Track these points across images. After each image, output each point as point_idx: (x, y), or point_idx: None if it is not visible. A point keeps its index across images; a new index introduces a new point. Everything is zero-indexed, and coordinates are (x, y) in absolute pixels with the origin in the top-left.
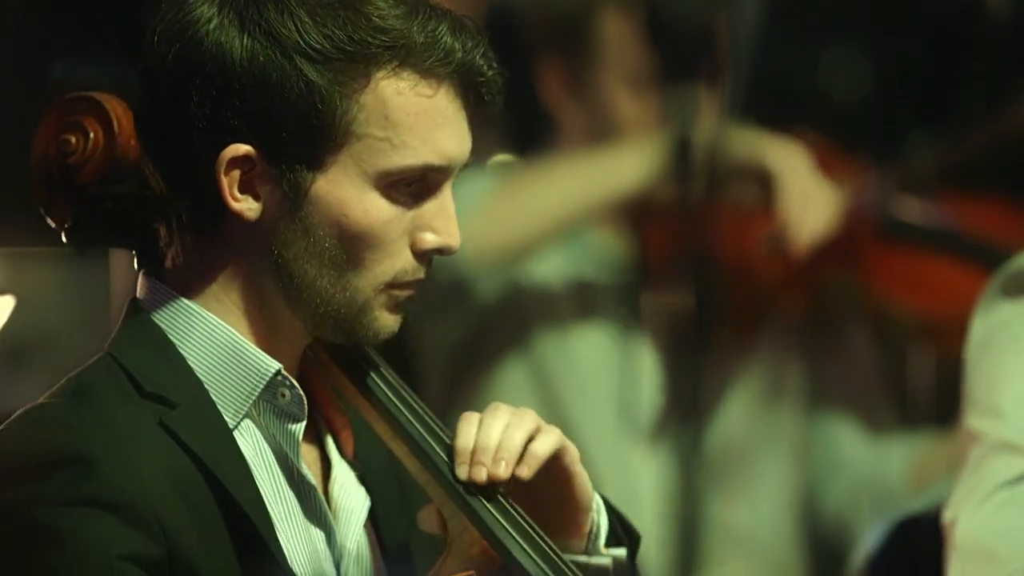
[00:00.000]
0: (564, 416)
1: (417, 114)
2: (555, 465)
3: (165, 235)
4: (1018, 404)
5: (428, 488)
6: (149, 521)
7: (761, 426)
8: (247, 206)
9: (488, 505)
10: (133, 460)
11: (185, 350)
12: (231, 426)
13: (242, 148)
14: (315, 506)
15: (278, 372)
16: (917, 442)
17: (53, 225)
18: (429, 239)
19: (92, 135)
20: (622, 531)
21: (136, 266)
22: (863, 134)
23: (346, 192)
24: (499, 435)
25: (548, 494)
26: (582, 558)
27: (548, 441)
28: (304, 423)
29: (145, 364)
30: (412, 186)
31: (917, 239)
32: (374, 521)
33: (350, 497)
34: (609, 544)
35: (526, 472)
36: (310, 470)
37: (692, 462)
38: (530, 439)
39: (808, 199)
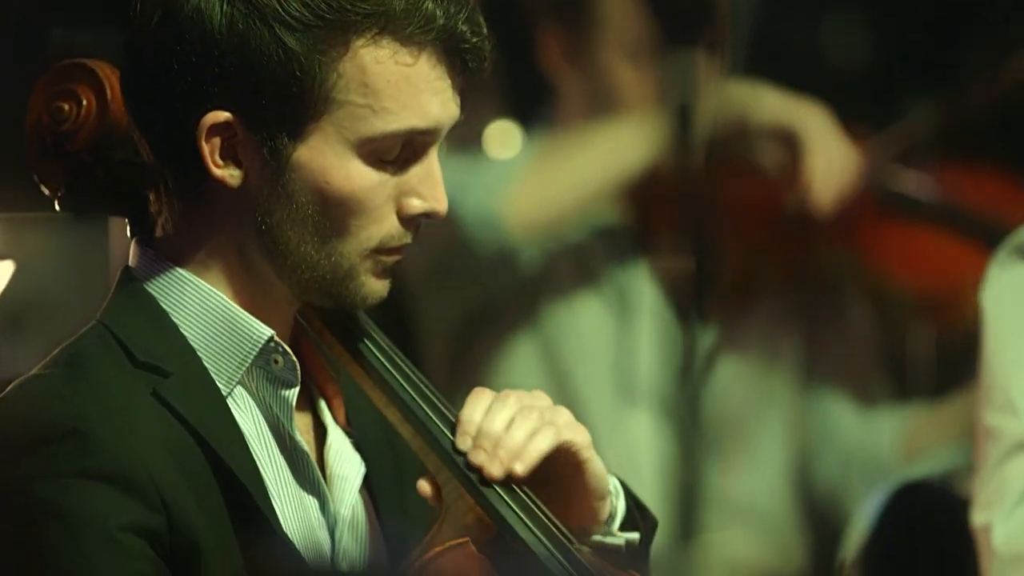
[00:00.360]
0: (565, 384)
1: (398, 81)
2: (563, 457)
3: (155, 202)
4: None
5: (422, 454)
6: (148, 491)
7: (757, 395)
8: (229, 173)
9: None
10: (129, 431)
11: (177, 318)
12: (224, 394)
13: (222, 115)
14: (309, 473)
15: (271, 338)
16: (908, 413)
17: (47, 192)
18: (415, 204)
19: (85, 102)
20: (639, 515)
21: (129, 234)
22: (862, 104)
23: (328, 159)
24: (503, 425)
25: (559, 484)
26: (595, 537)
27: (546, 438)
28: (297, 389)
29: (138, 333)
30: (396, 152)
31: (915, 212)
32: (369, 487)
33: (344, 464)
34: (624, 528)
35: (520, 469)
36: (304, 437)
37: (690, 431)
38: (533, 434)
39: (834, 158)
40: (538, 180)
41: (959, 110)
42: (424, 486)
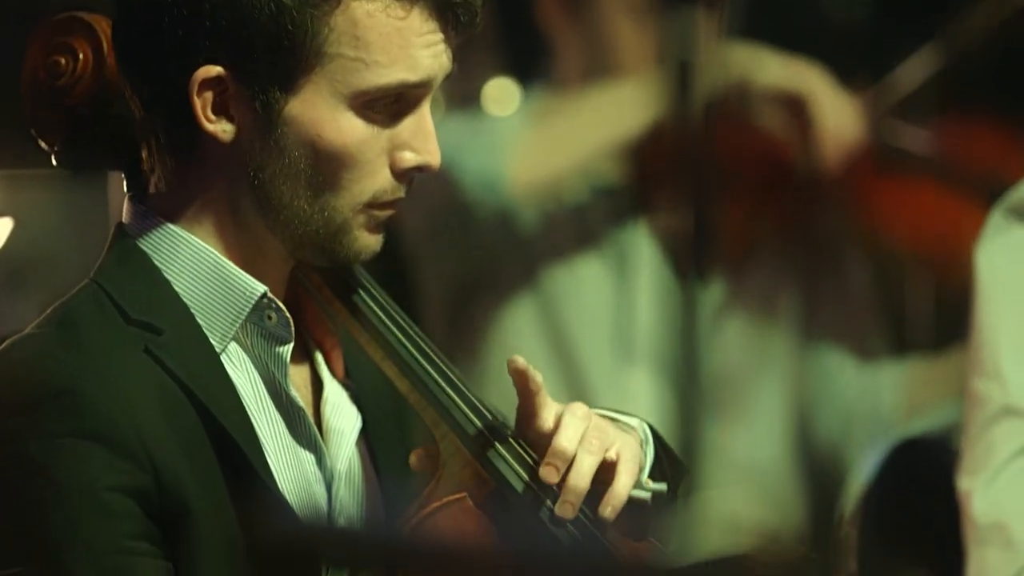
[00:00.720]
0: (564, 344)
1: (389, 34)
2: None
3: (147, 159)
4: (1018, 365)
5: (419, 409)
6: (137, 451)
7: (757, 353)
8: (221, 128)
9: (481, 427)
10: (120, 390)
11: (170, 275)
12: (218, 350)
13: (214, 70)
14: (304, 428)
15: (264, 295)
16: (909, 368)
17: (45, 147)
18: (408, 158)
19: (81, 56)
20: (667, 463)
21: (125, 188)
22: (856, 59)
23: (319, 112)
24: (574, 447)
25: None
26: None
27: (627, 480)
28: (291, 345)
29: (131, 291)
30: (388, 105)
31: (913, 166)
32: (368, 440)
33: (341, 418)
34: (653, 476)
35: (610, 513)
36: (300, 392)
37: (689, 389)
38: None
39: (841, 119)
40: (539, 141)
41: (954, 60)
42: (414, 459)
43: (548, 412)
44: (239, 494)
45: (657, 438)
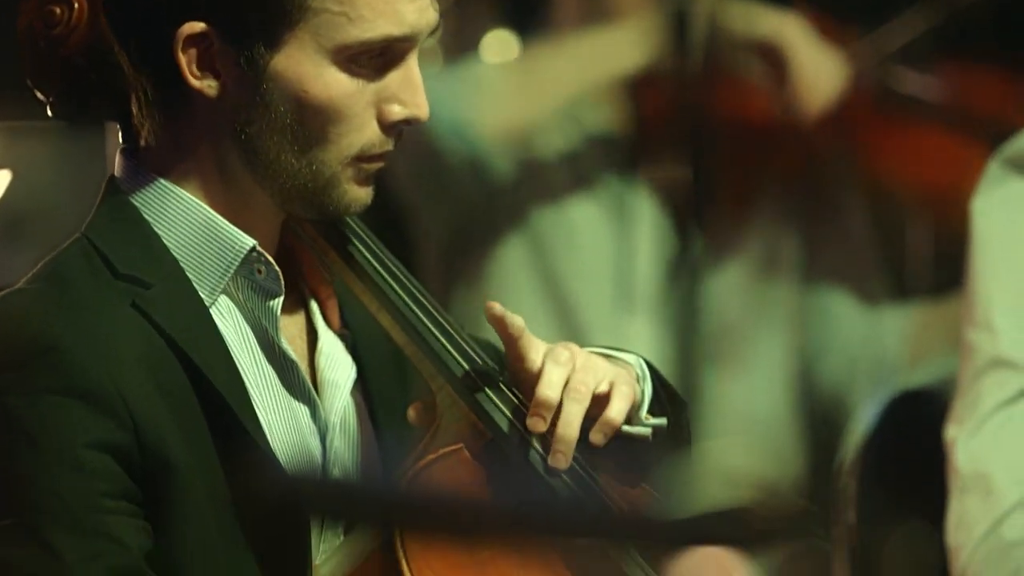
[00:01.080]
0: (561, 293)
1: None
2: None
3: (137, 113)
4: (1010, 316)
5: (415, 360)
6: (117, 407)
7: (757, 301)
8: (207, 83)
9: (476, 376)
10: (104, 347)
11: (160, 229)
12: (207, 304)
13: (198, 26)
14: (297, 381)
15: (253, 248)
16: (913, 314)
17: (41, 98)
18: (396, 111)
19: (76, 6)
20: (666, 399)
21: (120, 140)
22: (860, 5)
23: (304, 68)
24: (557, 394)
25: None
26: (622, 428)
27: (620, 406)
28: (281, 298)
29: (120, 245)
30: (374, 59)
31: (913, 111)
32: (365, 391)
33: (336, 369)
34: (652, 412)
35: (601, 439)
36: (295, 343)
37: (688, 338)
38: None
39: (815, 68)
40: (518, 85)
41: (957, 5)
42: (411, 412)
43: (536, 355)
44: (226, 450)
45: (655, 374)
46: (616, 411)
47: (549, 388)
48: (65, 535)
